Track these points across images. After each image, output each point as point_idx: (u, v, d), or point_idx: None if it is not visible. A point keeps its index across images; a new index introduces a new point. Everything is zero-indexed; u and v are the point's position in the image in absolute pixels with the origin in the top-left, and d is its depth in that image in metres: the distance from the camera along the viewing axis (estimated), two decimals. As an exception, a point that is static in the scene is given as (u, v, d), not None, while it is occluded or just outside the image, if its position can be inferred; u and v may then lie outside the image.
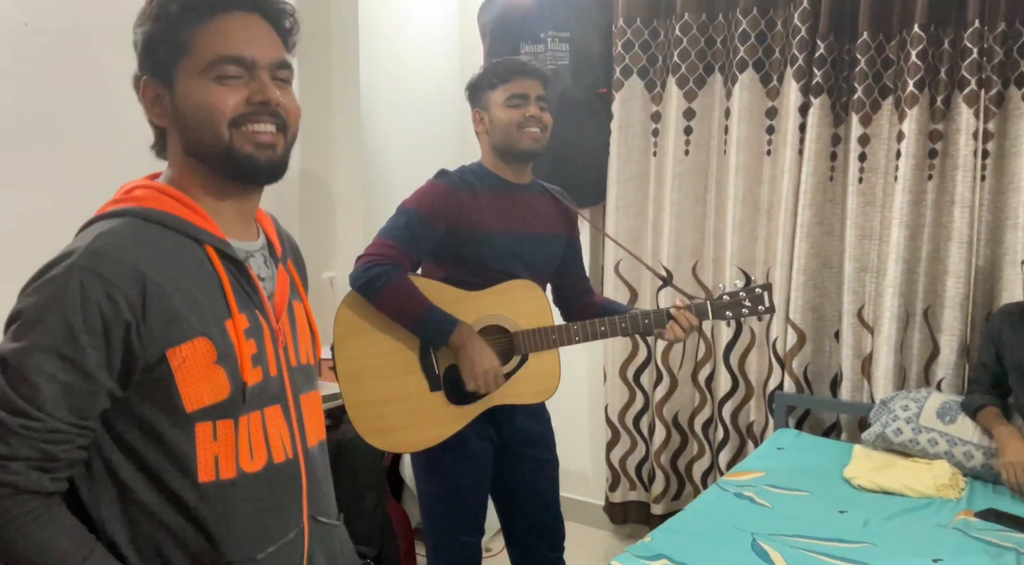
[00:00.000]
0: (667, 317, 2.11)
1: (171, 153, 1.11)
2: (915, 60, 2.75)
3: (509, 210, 2.13)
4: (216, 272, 1.06)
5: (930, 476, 2.48)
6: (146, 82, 1.08)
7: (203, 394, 1.02)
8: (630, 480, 3.46)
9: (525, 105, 2.11)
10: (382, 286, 1.99)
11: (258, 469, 1.07)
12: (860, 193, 2.92)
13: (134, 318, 0.97)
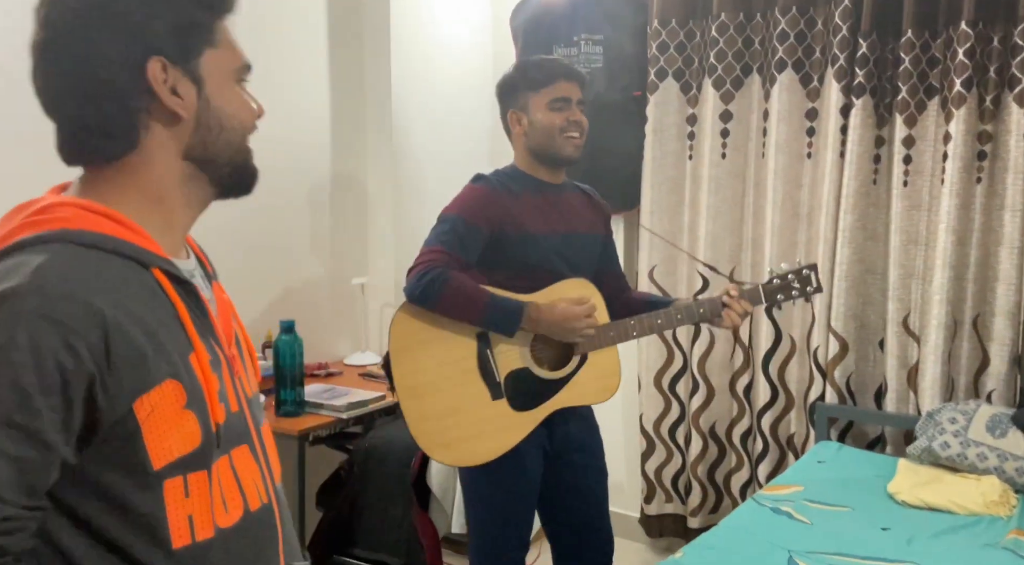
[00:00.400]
0: (721, 305, 2.08)
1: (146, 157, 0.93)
2: (962, 58, 2.64)
3: (549, 211, 2.10)
4: (169, 299, 0.91)
5: (979, 492, 2.37)
6: (161, 63, 0.91)
7: (172, 446, 0.87)
8: (666, 492, 3.38)
9: (568, 109, 2.07)
10: (440, 288, 1.95)
11: (235, 522, 0.94)
12: (905, 197, 2.82)
13: (98, 368, 0.82)
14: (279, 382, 2.62)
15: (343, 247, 3.34)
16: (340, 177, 3.31)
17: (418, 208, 3.46)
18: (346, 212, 3.34)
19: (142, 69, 0.90)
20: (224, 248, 2.88)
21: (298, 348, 2.61)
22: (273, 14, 3.01)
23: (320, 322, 3.24)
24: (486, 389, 2.04)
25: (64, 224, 0.86)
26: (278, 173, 3.06)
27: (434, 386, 2.02)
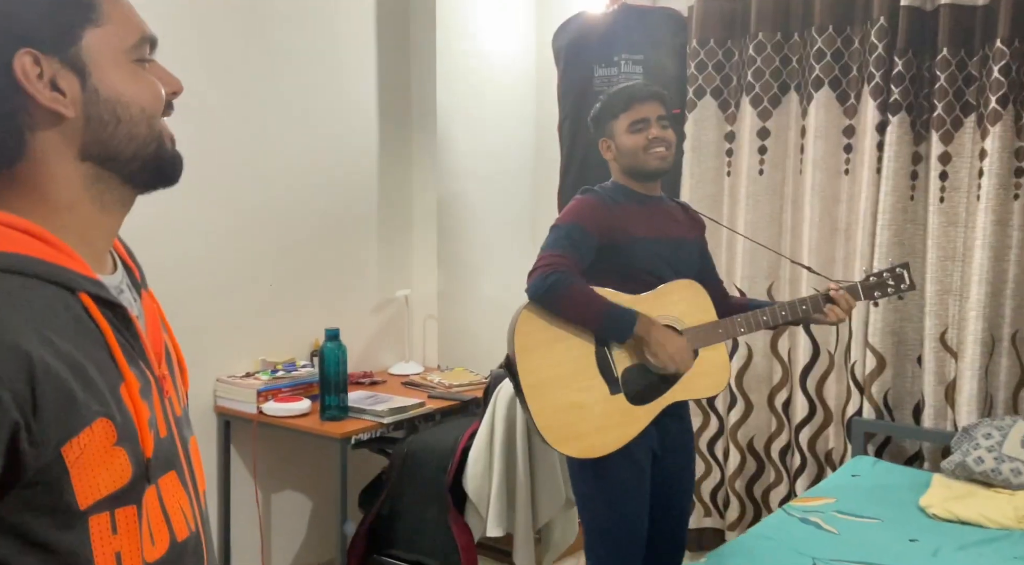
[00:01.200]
0: (824, 301, 2.19)
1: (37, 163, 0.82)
2: (998, 76, 2.66)
3: (651, 218, 2.21)
4: (98, 327, 0.81)
5: (1011, 507, 2.36)
6: (31, 56, 0.78)
7: (100, 484, 0.79)
8: (704, 506, 3.40)
9: (647, 128, 2.19)
10: (563, 290, 2.07)
11: (162, 555, 0.86)
12: (941, 213, 2.83)
13: (23, 417, 0.73)
14: (323, 388, 2.73)
15: (388, 261, 3.46)
16: (386, 193, 3.44)
17: (460, 223, 3.57)
18: (391, 227, 3.46)
19: (8, 66, 0.78)
20: (275, 259, 3.04)
21: (342, 355, 2.73)
22: (324, 38, 3.16)
23: (366, 332, 3.36)
24: (605, 384, 2.13)
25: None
26: (328, 189, 3.21)
27: (557, 383, 2.11)
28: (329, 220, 3.22)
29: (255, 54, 2.94)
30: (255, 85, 2.93)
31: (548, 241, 2.17)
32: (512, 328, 2.12)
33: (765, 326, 2.24)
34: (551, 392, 2.10)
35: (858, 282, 2.25)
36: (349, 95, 3.28)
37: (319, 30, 3.15)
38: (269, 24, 2.98)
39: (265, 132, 2.97)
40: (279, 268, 3.06)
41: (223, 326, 2.86)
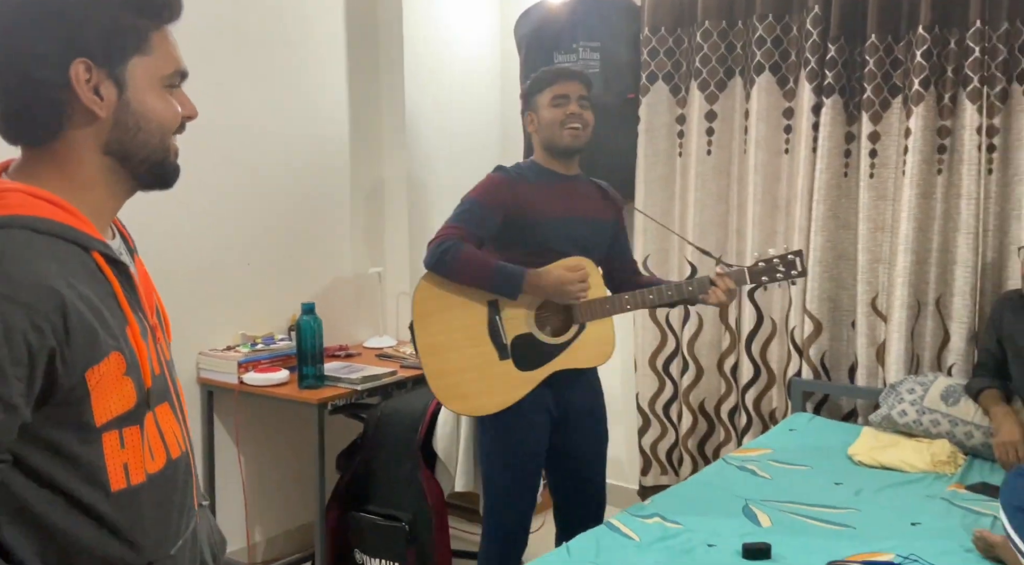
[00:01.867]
0: (709, 283, 2.32)
1: (70, 146, 1.02)
2: (920, 60, 2.88)
3: (562, 197, 2.39)
4: (107, 278, 1.02)
5: (929, 453, 2.60)
6: (85, 65, 0.99)
7: (112, 406, 0.99)
8: (661, 465, 3.64)
9: (567, 104, 2.37)
10: (453, 256, 2.26)
11: (160, 468, 1.07)
12: (872, 188, 3.06)
13: (58, 344, 0.92)
14: (301, 358, 2.93)
15: (362, 240, 3.65)
16: (358, 176, 3.63)
17: (430, 203, 3.77)
18: (364, 208, 3.66)
19: (66, 68, 0.98)
20: (254, 239, 3.22)
21: (317, 327, 2.93)
22: (296, 29, 3.34)
23: (342, 308, 3.56)
24: (495, 350, 2.34)
25: (14, 210, 0.95)
26: (303, 172, 3.40)
27: (450, 346, 2.32)
28: (304, 202, 3.41)
29: (230, 45, 3.11)
30: (231, 74, 3.11)
31: (452, 214, 2.37)
32: (413, 296, 2.34)
33: (651, 304, 2.37)
34: (444, 354, 2.31)
35: (746, 267, 2.36)
36: (320, 82, 3.46)
37: (291, 20, 3.33)
38: (243, 14, 3.15)
39: (241, 119, 3.15)
40: (257, 248, 3.24)
41: (205, 303, 3.05)
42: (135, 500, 1.03)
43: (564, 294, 2.30)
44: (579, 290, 2.30)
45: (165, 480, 1.07)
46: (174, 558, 1.09)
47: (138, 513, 1.03)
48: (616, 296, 2.38)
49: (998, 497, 2.29)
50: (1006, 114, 2.84)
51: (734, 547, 2.02)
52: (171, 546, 1.08)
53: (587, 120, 2.40)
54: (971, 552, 1.98)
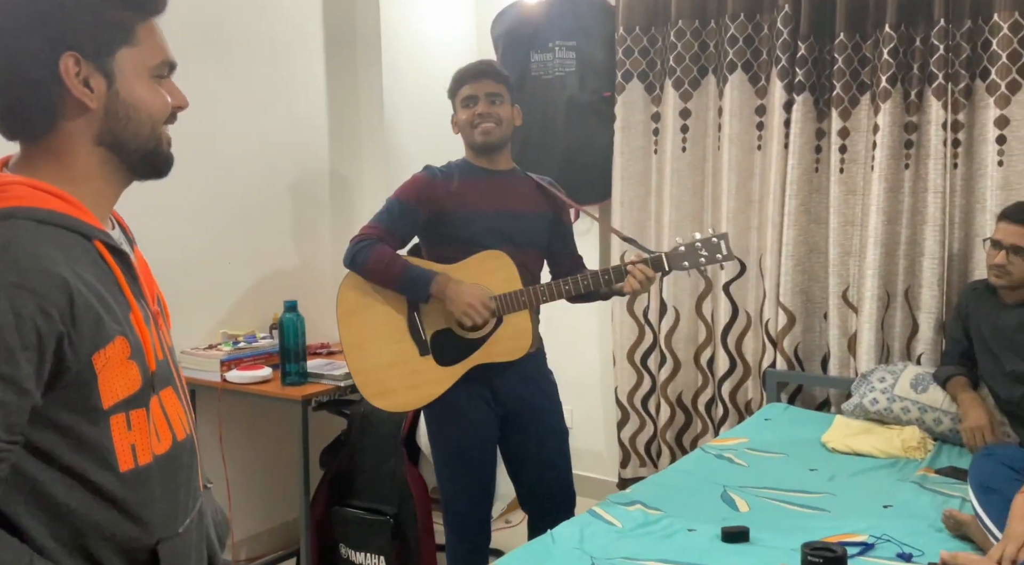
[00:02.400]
0: (624, 271, 2.30)
1: (64, 139, 1.06)
2: (887, 58, 2.96)
3: (489, 193, 2.42)
4: (109, 266, 1.06)
5: (900, 439, 2.68)
6: (74, 58, 1.02)
7: (118, 389, 1.03)
8: (639, 457, 3.70)
9: (474, 105, 2.42)
10: (366, 256, 2.33)
11: (167, 449, 1.11)
12: (842, 183, 3.14)
13: (66, 329, 0.96)
14: (284, 356, 2.95)
15: (340, 238, 3.67)
16: (338, 175, 3.66)
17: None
18: (343, 206, 3.69)
19: (55, 63, 1.01)
20: (234, 239, 3.24)
21: (300, 325, 2.95)
22: (275, 31, 3.36)
23: (321, 307, 3.58)
24: (415, 346, 2.39)
25: (18, 202, 0.99)
26: (283, 172, 3.42)
27: (372, 343, 2.37)
28: (284, 202, 3.43)
29: (210, 46, 3.13)
30: (210, 76, 3.12)
31: (375, 214, 2.44)
32: (337, 295, 2.39)
33: (567, 295, 2.33)
34: (367, 352, 2.36)
35: (663, 252, 2.32)
36: (299, 83, 3.48)
37: (269, 22, 3.35)
38: (222, 17, 3.17)
39: (221, 120, 3.17)
40: (238, 248, 3.26)
41: (186, 301, 3.05)
42: (143, 480, 1.07)
43: (459, 311, 2.29)
44: (475, 314, 2.28)
45: (171, 461, 1.11)
46: (182, 536, 1.13)
47: (147, 493, 1.07)
48: (533, 288, 2.36)
49: (966, 480, 2.38)
50: (970, 110, 2.93)
51: (713, 531, 2.08)
52: (179, 524, 1.12)
53: (500, 115, 2.41)
54: (941, 531, 2.05)
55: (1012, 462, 2.14)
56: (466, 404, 2.39)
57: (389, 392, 2.37)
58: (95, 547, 1.04)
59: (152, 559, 1.08)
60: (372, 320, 2.38)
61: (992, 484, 2.03)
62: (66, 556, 1.02)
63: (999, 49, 2.81)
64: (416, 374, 2.37)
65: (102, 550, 1.04)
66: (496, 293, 2.36)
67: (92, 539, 1.04)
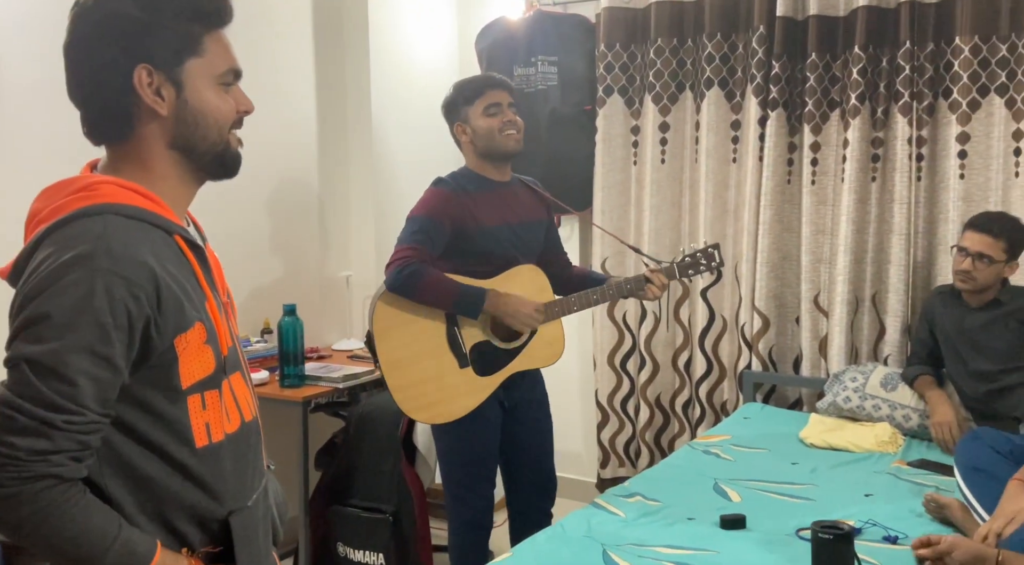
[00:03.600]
0: (644, 280, 2.52)
1: (142, 143, 1.15)
2: (856, 77, 3.16)
3: (500, 204, 2.52)
4: (187, 259, 1.15)
5: (873, 435, 2.86)
6: (147, 70, 1.12)
7: (195, 371, 1.12)
8: (619, 457, 3.83)
9: (500, 112, 2.50)
10: (418, 280, 2.37)
11: (235, 429, 1.20)
12: (813, 194, 3.32)
13: (152, 312, 1.06)
14: (283, 358, 3.02)
15: (330, 244, 3.76)
16: (326, 181, 3.73)
17: (396, 210, 3.89)
18: (332, 212, 3.76)
19: (130, 74, 1.11)
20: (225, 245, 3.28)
21: (299, 328, 3.02)
22: (265, 40, 3.43)
23: (311, 311, 3.65)
24: (455, 359, 2.47)
25: (109, 199, 1.09)
26: (273, 179, 3.49)
27: (411, 359, 2.44)
28: (274, 208, 3.50)
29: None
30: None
31: (404, 234, 2.47)
32: (371, 314, 2.45)
33: (596, 303, 2.56)
34: (406, 368, 2.43)
35: (674, 263, 2.59)
36: (289, 91, 3.56)
37: (259, 30, 3.42)
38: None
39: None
40: (229, 253, 3.29)
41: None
42: (216, 456, 1.16)
43: (519, 321, 2.45)
44: (534, 321, 2.46)
45: (240, 440, 1.21)
46: (250, 509, 1.22)
47: (219, 468, 1.17)
48: (564, 299, 2.54)
49: (938, 471, 2.56)
50: (933, 126, 3.14)
51: (712, 519, 2.22)
52: (247, 498, 1.22)
53: (520, 125, 2.54)
54: (922, 516, 2.22)
55: (998, 445, 2.31)
56: (485, 407, 2.50)
57: (430, 405, 2.45)
58: (174, 516, 1.14)
59: (224, 529, 1.18)
60: (410, 336, 2.43)
61: (980, 465, 2.19)
62: (148, 524, 1.12)
63: (960, 70, 3.02)
64: (456, 386, 2.45)
65: (179, 520, 1.14)
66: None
67: (171, 509, 1.13)
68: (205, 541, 1.17)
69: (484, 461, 2.58)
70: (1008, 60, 2.98)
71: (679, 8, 3.52)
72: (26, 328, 1.03)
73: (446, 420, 2.48)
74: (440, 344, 2.46)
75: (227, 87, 1.19)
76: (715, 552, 2.03)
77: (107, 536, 1.05)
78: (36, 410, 1.00)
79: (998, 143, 3.01)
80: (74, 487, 1.04)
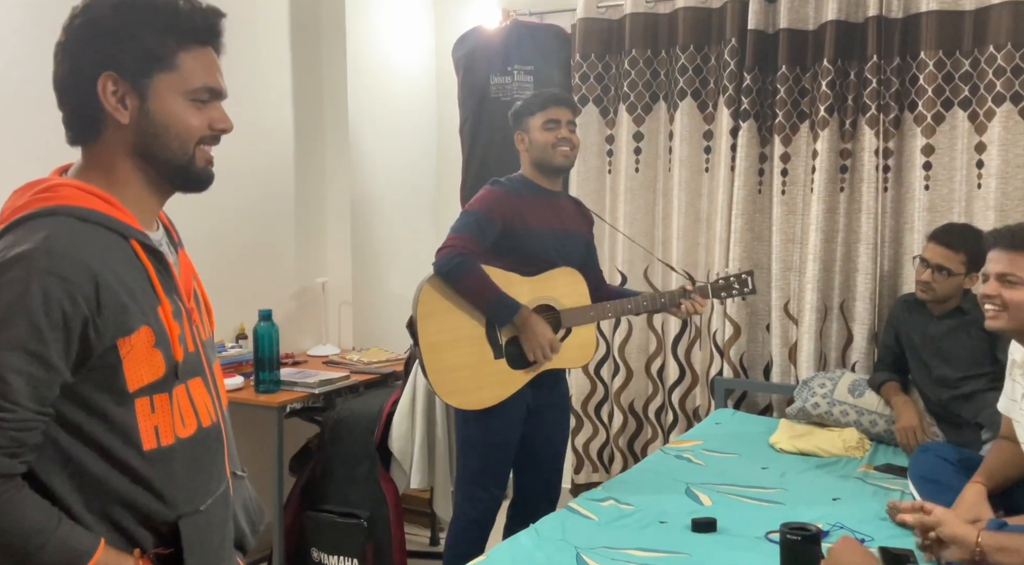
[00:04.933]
0: (680, 297, 2.63)
1: (107, 148, 1.17)
2: (825, 89, 3.23)
3: (548, 212, 2.63)
4: (143, 263, 1.16)
5: (840, 440, 2.92)
6: (112, 78, 1.14)
7: (143, 375, 1.13)
8: (592, 463, 3.86)
9: (558, 128, 2.61)
10: (465, 272, 2.47)
11: (191, 433, 1.20)
12: (783, 203, 3.39)
13: (90, 313, 1.06)
14: (258, 364, 3.03)
15: (305, 250, 3.77)
16: (302, 191, 3.74)
17: (371, 214, 3.92)
18: (308, 218, 3.77)
19: (94, 80, 1.14)
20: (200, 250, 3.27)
21: (274, 333, 3.03)
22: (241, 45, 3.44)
23: (286, 317, 3.66)
24: (491, 350, 2.55)
25: (65, 201, 1.12)
26: (248, 185, 3.49)
27: (450, 344, 2.52)
28: (250, 214, 3.50)
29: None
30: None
31: (458, 224, 2.57)
32: (417, 295, 2.52)
33: (629, 313, 2.71)
34: (444, 352, 2.51)
35: (709, 283, 2.73)
36: (266, 97, 3.57)
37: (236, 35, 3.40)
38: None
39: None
40: (203, 258, 3.29)
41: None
42: (166, 459, 1.17)
43: (533, 346, 2.52)
44: (545, 355, 2.54)
45: (196, 444, 1.21)
46: (203, 513, 1.22)
47: (168, 471, 1.17)
48: (600, 305, 2.64)
49: (902, 475, 2.62)
50: (899, 138, 3.21)
51: (683, 522, 2.26)
52: (200, 503, 1.22)
53: (576, 143, 2.67)
54: (885, 520, 2.27)
55: (947, 455, 2.38)
56: (511, 402, 2.56)
57: (463, 391, 2.51)
58: (120, 517, 1.14)
59: (174, 532, 1.19)
60: (451, 322, 2.51)
61: (931, 475, 2.26)
62: (96, 523, 1.12)
63: (925, 84, 3.10)
64: (489, 376, 2.53)
65: (127, 521, 1.15)
66: (567, 306, 2.61)
67: (118, 509, 1.14)
68: (156, 542, 1.18)
69: (502, 457, 2.63)
70: (971, 75, 3.06)
71: (653, 20, 3.58)
72: None
73: (476, 407, 2.55)
74: (479, 333, 2.53)
75: (200, 104, 1.21)
76: (687, 554, 2.07)
77: (43, 531, 1.06)
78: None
79: (961, 155, 3.09)
80: (8, 482, 1.05)
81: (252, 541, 1.42)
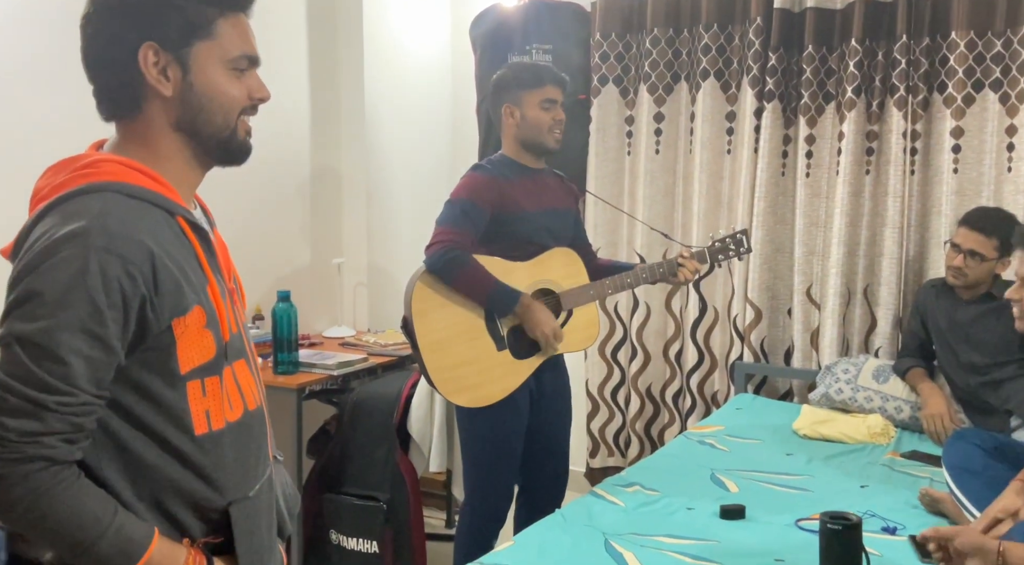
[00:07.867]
0: (677, 265, 2.56)
1: (148, 123, 1.13)
2: (852, 70, 3.17)
3: (535, 191, 2.53)
4: (189, 241, 1.13)
5: (865, 426, 2.88)
6: (153, 48, 1.10)
7: (195, 356, 1.10)
8: (608, 447, 3.84)
9: (554, 109, 2.50)
10: (458, 268, 2.36)
11: (238, 417, 1.17)
12: (807, 186, 3.33)
13: (148, 292, 1.03)
14: (277, 345, 2.99)
15: (321, 231, 3.72)
16: (318, 168, 3.70)
17: (387, 195, 3.87)
18: (324, 199, 3.73)
19: (135, 51, 1.09)
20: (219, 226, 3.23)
21: (293, 315, 3.00)
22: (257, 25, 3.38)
23: (301, 298, 3.61)
24: (492, 342, 2.46)
25: (111, 177, 1.07)
26: (265, 166, 3.44)
27: (450, 341, 2.41)
28: (265, 195, 3.46)
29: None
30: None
31: (443, 216, 2.45)
32: (409, 294, 2.42)
33: (629, 287, 2.60)
34: (444, 350, 2.41)
35: (705, 247, 2.65)
36: (282, 77, 3.51)
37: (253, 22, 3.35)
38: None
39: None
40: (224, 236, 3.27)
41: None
42: (216, 444, 1.14)
43: (537, 333, 2.44)
44: (550, 338, 2.45)
45: (243, 429, 1.18)
46: (252, 500, 1.19)
47: (219, 456, 1.14)
48: (599, 282, 2.55)
49: (930, 462, 2.58)
50: (927, 120, 3.15)
51: (711, 509, 2.22)
52: (249, 489, 1.19)
53: (563, 125, 2.56)
54: (917, 508, 2.24)
55: (983, 443, 2.34)
56: (516, 392, 2.49)
57: (471, 388, 2.42)
58: (171, 504, 1.11)
59: (225, 520, 1.16)
60: (448, 318, 2.41)
61: (967, 465, 2.22)
62: (146, 511, 1.09)
63: (956, 64, 3.04)
64: (493, 369, 2.44)
65: (178, 508, 1.12)
66: (566, 288, 2.53)
67: (169, 497, 1.11)
68: (206, 531, 1.15)
69: (511, 449, 2.55)
70: (1003, 55, 3.00)
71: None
72: (19, 306, 1.01)
73: (486, 403, 2.45)
74: (478, 326, 2.45)
75: (240, 73, 1.17)
76: (716, 542, 2.04)
77: (101, 521, 1.03)
78: (27, 390, 0.98)
79: (991, 138, 3.03)
80: (67, 470, 1.02)
81: (291, 527, 1.38)
